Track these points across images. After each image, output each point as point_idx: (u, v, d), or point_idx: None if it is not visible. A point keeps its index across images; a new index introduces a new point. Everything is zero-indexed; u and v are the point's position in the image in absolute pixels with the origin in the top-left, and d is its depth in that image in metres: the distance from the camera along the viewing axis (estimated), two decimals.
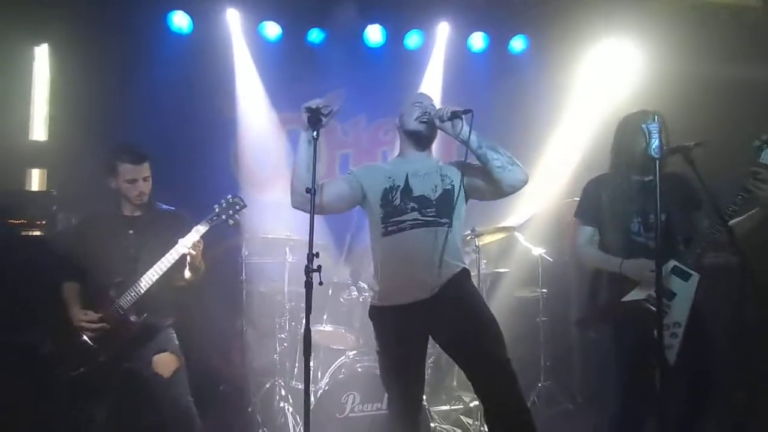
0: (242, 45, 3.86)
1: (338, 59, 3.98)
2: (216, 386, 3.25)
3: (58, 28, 3.60)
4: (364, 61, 4.08)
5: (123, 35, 3.65)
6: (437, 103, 2.22)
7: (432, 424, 2.87)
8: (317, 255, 1.75)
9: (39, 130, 3.73)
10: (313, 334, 3.00)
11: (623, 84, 3.92)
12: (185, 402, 2.30)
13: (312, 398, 2.89)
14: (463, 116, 1.96)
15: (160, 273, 2.26)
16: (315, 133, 1.91)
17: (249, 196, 3.81)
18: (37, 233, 3.15)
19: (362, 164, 2.30)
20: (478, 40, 4.19)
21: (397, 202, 2.02)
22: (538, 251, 3.58)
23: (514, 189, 2.00)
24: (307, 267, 1.75)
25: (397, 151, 2.25)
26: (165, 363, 2.29)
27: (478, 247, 3.21)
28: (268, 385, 3.21)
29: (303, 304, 3.12)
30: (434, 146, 2.22)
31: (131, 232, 2.37)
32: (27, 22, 3.51)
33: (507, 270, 3.71)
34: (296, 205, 2.01)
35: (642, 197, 2.14)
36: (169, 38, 3.76)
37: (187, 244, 2.26)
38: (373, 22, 3.99)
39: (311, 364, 3.06)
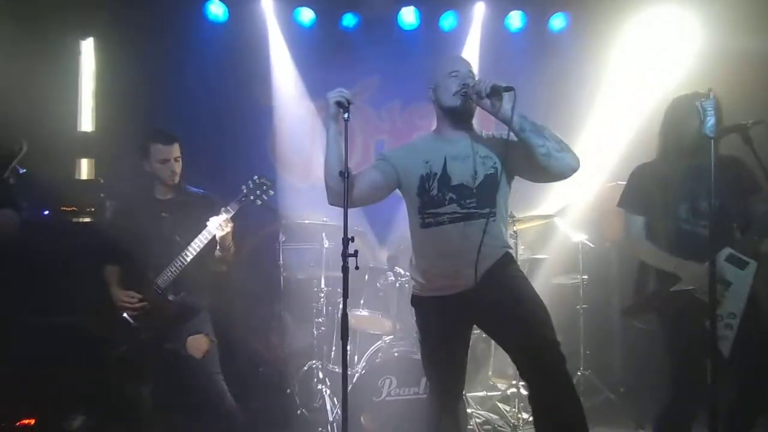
0: (277, 31, 3.88)
1: (372, 43, 3.94)
2: (256, 368, 3.35)
3: (102, 22, 3.72)
4: (399, 44, 4.02)
5: (162, 26, 3.74)
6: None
7: (468, 410, 2.87)
8: (352, 239, 1.71)
9: (86, 122, 3.89)
10: (349, 318, 3.09)
11: (673, 61, 3.70)
12: (216, 381, 2.40)
13: (349, 382, 2.94)
14: (505, 93, 1.78)
15: (194, 253, 2.33)
16: (346, 114, 1.82)
17: (286, 182, 3.92)
18: (87, 219, 3.31)
19: (395, 147, 2.16)
20: (516, 19, 4.05)
21: (435, 192, 1.88)
22: (578, 237, 3.48)
23: (564, 176, 1.84)
24: (343, 252, 1.73)
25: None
26: (198, 344, 2.39)
27: (515, 232, 3.15)
28: (305, 368, 3.28)
29: (339, 289, 3.20)
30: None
31: (165, 214, 2.44)
32: (73, 18, 3.64)
33: (545, 256, 3.62)
34: (333, 202, 1.92)
35: (692, 182, 2.03)
36: (206, 27, 3.82)
37: (216, 223, 2.32)
38: (408, 4, 3.92)
39: (348, 348, 3.17)
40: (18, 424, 2.83)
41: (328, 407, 3.00)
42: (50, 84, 3.53)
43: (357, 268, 1.74)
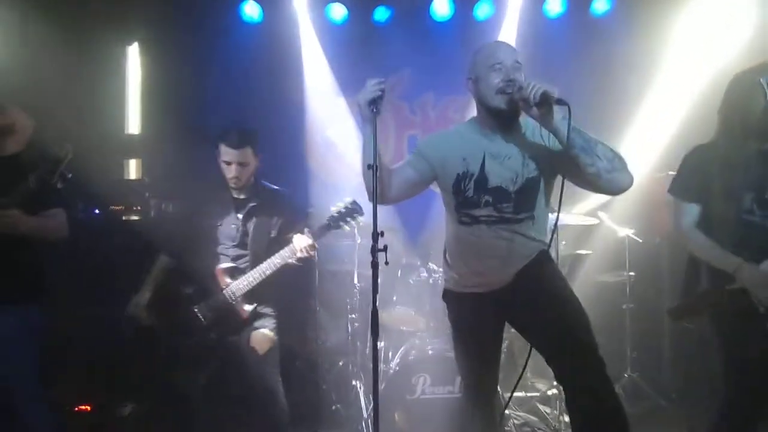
0: (309, 29, 3.89)
1: (404, 36, 3.88)
2: (292, 362, 3.39)
3: (145, 27, 3.89)
4: (432, 36, 3.94)
5: (200, 30, 3.86)
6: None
7: (506, 411, 2.78)
8: (382, 234, 1.65)
9: (133, 124, 4.09)
10: (382, 315, 3.06)
11: (730, 40, 3.41)
12: (273, 380, 2.39)
13: (382, 379, 2.93)
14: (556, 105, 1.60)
15: (274, 269, 2.28)
16: (374, 109, 1.72)
17: (318, 178, 3.95)
18: (135, 218, 3.48)
19: (430, 135, 2.04)
20: (555, 4, 3.86)
21: (470, 193, 1.78)
22: (624, 232, 3.29)
23: (612, 194, 1.74)
24: (372, 247, 1.67)
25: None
26: (261, 340, 2.39)
27: (556, 226, 3.00)
28: (341, 364, 3.30)
29: None
30: None
31: (239, 216, 2.39)
32: (119, 25, 3.81)
33: (589, 252, 3.45)
34: (372, 199, 1.84)
35: (760, 168, 1.82)
36: (242, 28, 3.90)
37: (301, 246, 2.25)
38: None
39: (381, 344, 3.16)
40: (76, 409, 3.03)
41: (362, 404, 3.00)
42: (99, 89, 3.72)
43: (387, 263, 1.67)
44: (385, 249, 1.67)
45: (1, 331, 2.03)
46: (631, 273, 3.32)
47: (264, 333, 2.40)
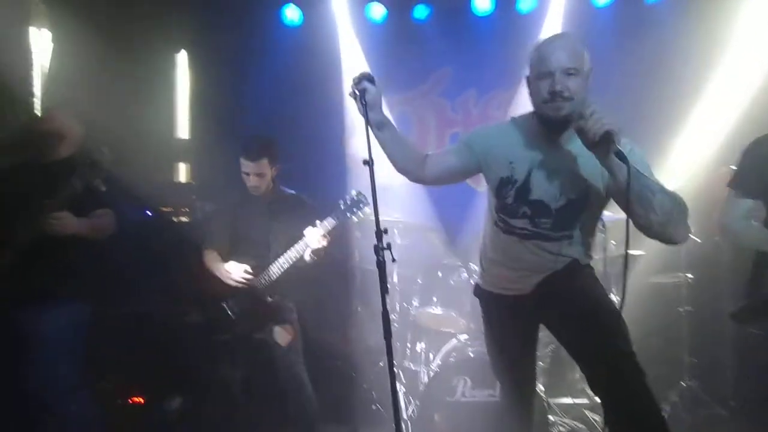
0: (349, 30, 3.92)
1: (445, 33, 3.84)
2: (334, 361, 3.43)
3: (192, 35, 4.05)
4: (472, 32, 3.87)
5: (244, 36, 3.97)
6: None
7: (552, 417, 2.69)
8: (386, 231, 1.60)
9: (182, 129, 4.25)
10: (422, 316, 3.07)
11: None
12: (298, 369, 2.52)
13: (424, 380, 2.90)
14: (613, 154, 1.45)
15: (291, 262, 2.44)
16: (375, 115, 1.71)
17: (358, 179, 3.95)
18: (183, 219, 3.63)
19: (480, 128, 1.95)
20: None
21: (510, 200, 1.70)
22: None
23: (663, 243, 1.59)
24: (376, 246, 1.62)
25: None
26: (284, 334, 2.52)
27: (604, 226, 2.88)
28: (381, 364, 3.29)
29: (413, 286, 3.20)
30: None
31: (261, 219, 2.56)
32: (167, 34, 3.99)
33: (641, 252, 3.27)
34: (413, 179, 1.84)
35: None
36: (283, 32, 3.98)
37: (315, 237, 2.37)
38: None
39: (422, 345, 3.13)
40: (130, 401, 3.18)
41: (403, 404, 2.98)
42: (149, 95, 3.90)
43: (394, 260, 1.62)
44: (388, 247, 1.60)
45: (51, 325, 2.15)
46: (689, 274, 3.12)
47: (286, 327, 2.53)
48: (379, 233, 1.60)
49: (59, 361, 2.16)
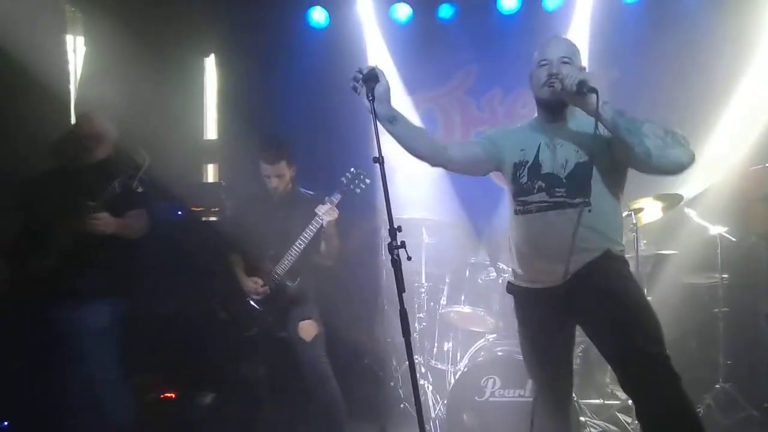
0: (375, 31, 3.93)
1: (470, 32, 3.82)
2: (361, 359, 3.45)
3: (221, 41, 4.14)
4: (498, 30, 3.84)
5: (271, 39, 4.02)
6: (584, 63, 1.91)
7: (582, 418, 2.66)
8: (399, 229, 1.64)
9: (211, 130, 4.34)
10: (451, 315, 3.07)
11: None
12: (323, 364, 2.57)
13: (452, 379, 2.90)
14: (589, 93, 1.62)
15: (306, 240, 2.56)
16: (385, 110, 1.76)
17: (386, 176, 3.96)
18: (213, 218, 3.71)
19: (498, 128, 2.09)
20: None
21: (524, 180, 1.82)
22: (716, 230, 3.02)
23: (671, 174, 1.65)
24: (389, 244, 1.65)
25: None
26: (308, 328, 2.58)
27: (635, 225, 2.83)
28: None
29: (440, 285, 3.20)
30: None
31: (280, 215, 2.69)
32: (197, 39, 4.08)
33: (674, 252, 3.20)
34: (435, 164, 1.90)
35: None
36: (310, 34, 4.02)
37: (324, 210, 2.53)
38: None
39: (449, 345, 3.13)
40: (162, 396, 3.26)
41: (431, 403, 2.99)
42: (179, 98, 3.99)
43: (409, 258, 1.64)
44: (403, 245, 1.63)
45: (93, 321, 2.24)
46: (724, 275, 3.04)
47: (309, 322, 2.59)
48: (393, 231, 1.64)
49: (99, 356, 2.24)
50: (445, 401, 2.83)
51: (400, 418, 3.06)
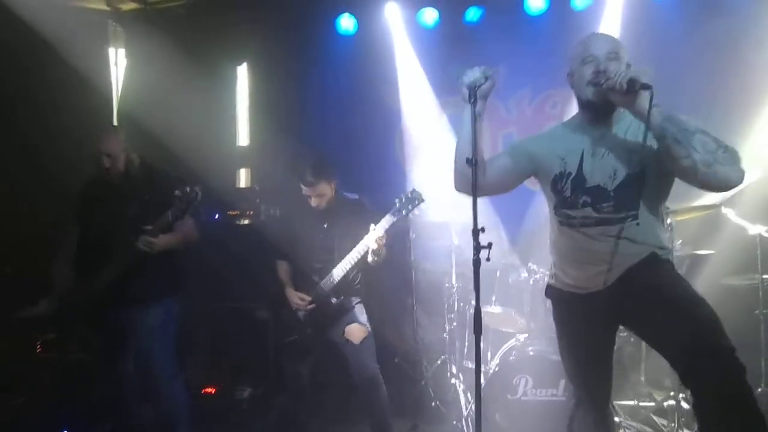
0: (403, 36, 3.99)
1: (497, 34, 3.81)
2: (392, 358, 3.50)
3: (253, 49, 4.27)
4: (526, 31, 3.84)
5: (301, 47, 4.14)
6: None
7: (616, 419, 2.62)
8: (483, 230, 1.60)
9: (243, 136, 4.49)
10: (482, 314, 3.07)
11: None
12: (372, 367, 2.57)
13: (483, 378, 2.90)
14: (642, 91, 1.52)
15: (353, 263, 2.57)
16: (477, 107, 1.67)
17: (413, 180, 4.02)
18: (247, 222, 3.83)
19: (528, 136, 1.98)
20: None
21: (568, 193, 1.71)
22: (757, 229, 2.94)
23: (716, 190, 1.59)
24: (475, 244, 1.63)
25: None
26: (355, 332, 2.60)
27: (671, 225, 2.78)
28: (439, 362, 3.33)
29: (470, 286, 3.21)
30: None
31: (325, 225, 2.71)
32: (229, 47, 4.23)
33: (711, 252, 3.12)
34: (459, 188, 1.79)
35: None
36: (339, 41, 4.11)
37: (373, 237, 2.50)
38: None
39: (481, 345, 3.12)
40: (203, 391, 3.40)
41: (462, 402, 3.00)
42: (213, 105, 4.14)
43: (488, 259, 1.61)
44: (489, 246, 1.61)
45: (149, 320, 2.42)
46: (765, 276, 2.95)
47: (357, 325, 2.61)
48: (476, 232, 1.62)
49: (157, 352, 2.42)
50: None
51: (431, 416, 3.09)
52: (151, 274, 2.39)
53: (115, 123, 3.89)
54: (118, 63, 4.16)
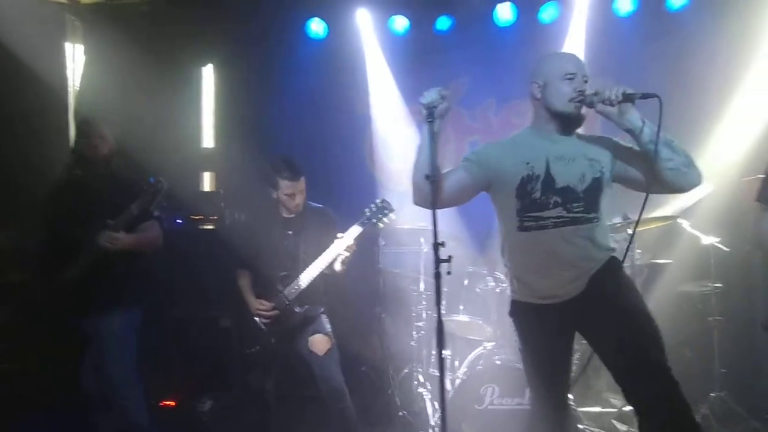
0: (373, 42, 3.99)
1: (467, 43, 3.88)
2: (358, 368, 3.45)
3: (220, 49, 4.17)
4: (494, 42, 3.91)
5: (269, 50, 4.07)
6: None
7: (580, 426, 2.67)
8: (443, 244, 1.65)
9: (208, 139, 4.36)
10: (449, 324, 3.07)
11: None
12: (337, 378, 2.53)
13: (449, 387, 2.91)
14: (637, 100, 1.66)
15: (319, 271, 2.51)
16: (435, 126, 1.73)
17: (383, 187, 4.00)
18: (211, 227, 3.71)
19: (486, 144, 2.06)
20: (625, 2, 3.70)
21: (538, 195, 1.77)
22: (709, 240, 3.07)
23: (681, 192, 1.75)
24: (435, 258, 1.67)
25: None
26: (319, 343, 2.54)
27: (631, 234, 2.86)
28: (406, 370, 3.31)
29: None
30: None
31: (290, 232, 2.64)
32: (195, 48, 4.12)
33: (668, 261, 3.25)
34: (417, 202, 1.85)
35: None
36: (308, 45, 4.06)
37: (342, 246, 2.46)
38: (504, 0, 3.80)
39: (447, 353, 3.14)
40: (162, 404, 3.25)
41: (429, 411, 2.99)
42: (177, 107, 4.01)
43: (449, 273, 1.67)
44: (449, 260, 1.66)
45: (111, 330, 2.30)
46: (718, 284, 3.08)
47: (321, 336, 2.56)
48: (436, 246, 1.65)
49: (117, 363, 2.31)
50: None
51: (398, 426, 3.05)
52: (115, 281, 2.30)
53: (71, 122, 3.71)
54: (75, 59, 3.97)
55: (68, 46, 3.90)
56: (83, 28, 3.94)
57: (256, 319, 2.57)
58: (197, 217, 3.65)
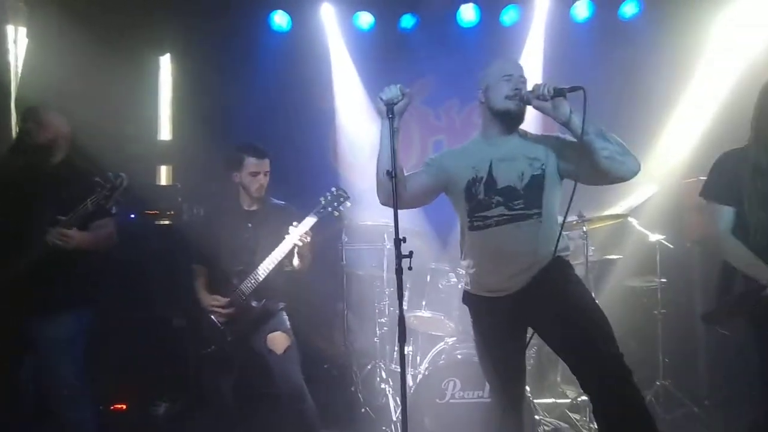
0: (337, 37, 3.96)
1: (431, 43, 3.92)
2: (321, 365, 3.43)
3: (177, 39, 4.01)
4: (457, 42, 3.98)
5: (230, 40, 3.96)
6: (538, 79, 2.06)
7: (536, 417, 2.77)
8: (404, 240, 1.69)
9: (165, 131, 4.19)
10: (411, 319, 3.12)
11: (762, 46, 3.38)
12: (297, 377, 2.47)
13: (412, 383, 2.95)
14: (568, 95, 1.74)
15: (275, 263, 2.43)
16: (395, 122, 1.80)
17: (348, 183, 3.95)
18: (167, 222, 3.56)
19: (444, 150, 2.18)
20: (582, 9, 3.87)
21: (481, 196, 1.88)
22: (655, 237, 3.25)
23: (622, 180, 1.80)
24: (396, 253, 1.69)
25: None
26: (278, 341, 2.47)
27: (585, 233, 3.00)
28: (369, 367, 3.33)
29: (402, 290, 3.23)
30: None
31: (249, 225, 2.56)
32: (152, 37, 3.93)
33: (618, 257, 3.42)
34: (383, 201, 1.90)
35: None
36: (271, 37, 3.98)
37: (296, 235, 2.41)
38: (467, 1, 3.86)
39: (410, 348, 3.18)
40: (113, 407, 3.10)
41: (392, 407, 3.02)
42: (133, 97, 3.83)
43: (410, 268, 1.70)
44: (410, 255, 1.70)
45: (58, 332, 2.17)
46: (663, 279, 3.27)
47: (280, 333, 2.49)
48: (398, 241, 1.68)
49: (64, 367, 2.18)
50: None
51: (361, 423, 3.07)
52: (66, 281, 2.16)
53: (13, 109, 3.47)
54: (17, 42, 3.71)
55: (10, 29, 3.65)
56: (27, 10, 3.69)
57: (212, 316, 2.47)
58: (152, 213, 3.49)
